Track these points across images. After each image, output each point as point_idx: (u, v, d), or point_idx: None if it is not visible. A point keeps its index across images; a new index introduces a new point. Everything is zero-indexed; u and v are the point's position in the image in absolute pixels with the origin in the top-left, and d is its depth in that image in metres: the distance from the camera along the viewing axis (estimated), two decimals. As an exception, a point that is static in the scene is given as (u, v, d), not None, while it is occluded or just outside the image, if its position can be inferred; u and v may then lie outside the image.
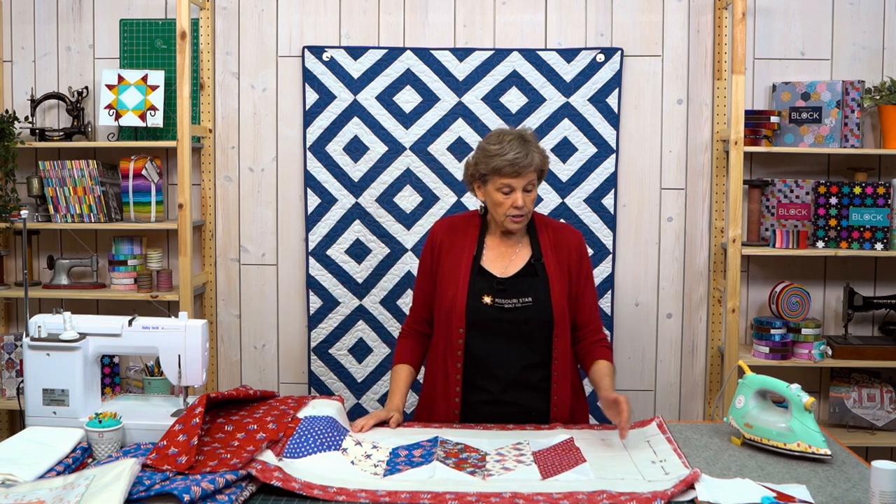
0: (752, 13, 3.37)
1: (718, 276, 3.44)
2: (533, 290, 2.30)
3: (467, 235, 2.39)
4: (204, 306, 3.55)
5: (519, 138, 2.26)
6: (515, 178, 2.24)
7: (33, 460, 1.81)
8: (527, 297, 2.29)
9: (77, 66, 3.53)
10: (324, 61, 3.43)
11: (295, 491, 1.74)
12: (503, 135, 2.28)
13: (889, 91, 3.20)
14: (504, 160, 2.22)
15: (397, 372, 2.43)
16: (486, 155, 2.26)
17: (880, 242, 3.18)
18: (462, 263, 2.34)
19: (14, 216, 3.32)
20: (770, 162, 3.43)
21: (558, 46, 3.42)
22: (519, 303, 2.29)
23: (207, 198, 3.51)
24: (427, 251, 2.43)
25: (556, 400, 2.32)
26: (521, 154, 2.22)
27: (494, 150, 2.25)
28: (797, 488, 1.76)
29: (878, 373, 3.34)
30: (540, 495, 1.72)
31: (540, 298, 2.29)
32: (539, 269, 2.33)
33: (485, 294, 2.29)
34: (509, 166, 2.22)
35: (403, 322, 2.55)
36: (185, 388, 2.16)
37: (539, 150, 2.28)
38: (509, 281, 2.31)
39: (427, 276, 2.42)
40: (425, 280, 2.43)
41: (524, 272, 2.33)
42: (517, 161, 2.22)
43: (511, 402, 2.31)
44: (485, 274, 2.33)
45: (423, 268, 2.43)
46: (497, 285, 2.30)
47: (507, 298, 2.29)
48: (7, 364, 3.45)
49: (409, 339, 2.47)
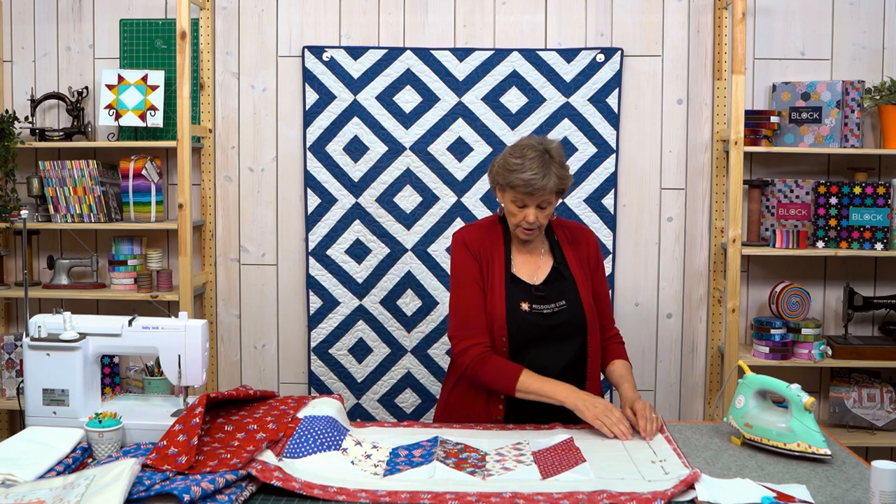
0: (752, 13, 3.37)
1: (718, 276, 3.44)
2: (565, 293, 2.33)
3: (494, 244, 2.38)
4: (204, 306, 3.55)
5: (542, 156, 2.22)
6: (529, 197, 2.23)
7: (33, 460, 1.81)
8: (561, 301, 2.32)
9: (77, 66, 3.53)
10: (324, 61, 3.43)
11: (295, 491, 1.73)
12: (527, 149, 2.24)
13: (889, 91, 3.20)
14: (520, 178, 2.20)
15: (531, 376, 2.23)
16: (505, 167, 2.25)
17: (880, 242, 3.18)
18: (496, 272, 2.34)
19: (14, 216, 3.32)
20: (770, 162, 3.43)
21: (558, 46, 3.42)
22: (556, 307, 2.31)
23: (207, 198, 3.51)
24: (468, 260, 2.35)
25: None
26: (537, 175, 2.19)
27: (514, 165, 2.22)
28: (797, 488, 1.76)
29: (878, 373, 3.34)
30: (540, 495, 1.72)
31: (571, 300, 2.33)
32: (565, 272, 2.36)
33: (522, 301, 2.31)
34: (523, 186, 2.20)
35: (467, 342, 2.29)
36: (185, 388, 2.16)
37: (560, 172, 2.24)
38: (543, 287, 2.33)
39: (479, 282, 2.33)
40: (477, 289, 2.32)
41: (552, 277, 2.35)
42: (532, 182, 2.19)
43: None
44: (518, 281, 2.34)
45: (471, 277, 2.33)
46: (536, 292, 2.32)
47: (544, 304, 2.31)
48: (7, 364, 3.45)
49: (497, 356, 2.28)
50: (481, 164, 3.42)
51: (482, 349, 2.27)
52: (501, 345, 2.30)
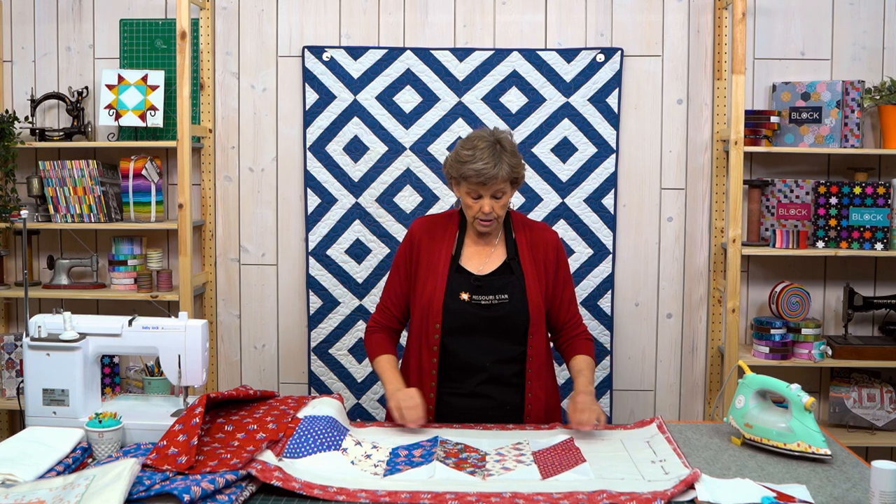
0: (752, 13, 3.37)
1: (718, 276, 3.44)
2: (509, 287, 2.34)
3: (446, 233, 2.42)
4: (204, 306, 3.55)
5: (492, 146, 2.27)
6: (482, 187, 2.27)
7: (33, 460, 1.81)
8: (503, 295, 2.33)
9: (77, 66, 3.53)
10: (324, 61, 3.43)
11: (295, 491, 1.74)
12: (477, 141, 2.29)
13: (889, 91, 3.20)
14: (471, 169, 2.24)
15: (384, 362, 2.39)
16: (457, 159, 2.29)
17: (880, 242, 3.18)
18: (440, 261, 2.38)
19: (14, 216, 3.32)
20: (770, 162, 3.43)
21: (558, 46, 3.42)
22: (495, 300, 2.33)
23: (207, 198, 3.51)
24: (405, 248, 2.45)
25: (531, 396, 2.36)
26: (488, 165, 2.23)
27: (465, 157, 2.27)
28: (797, 488, 1.76)
29: (878, 373, 3.34)
30: (540, 495, 1.72)
31: (516, 296, 2.34)
32: (515, 268, 2.37)
33: (462, 291, 2.33)
34: (475, 175, 2.24)
35: (370, 317, 2.51)
36: (185, 388, 2.16)
37: (511, 160, 2.28)
38: (486, 278, 2.36)
39: (402, 272, 2.44)
40: (400, 277, 2.45)
41: (500, 270, 2.37)
42: (483, 171, 2.23)
43: (485, 395, 2.35)
44: (462, 272, 2.37)
45: (399, 265, 2.46)
46: (474, 282, 2.34)
47: (483, 295, 2.33)
48: (7, 364, 3.45)
49: (380, 334, 2.46)
50: (481, 164, 3.42)
51: (372, 324, 2.49)
52: (434, 331, 2.33)
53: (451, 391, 2.36)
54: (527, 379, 2.36)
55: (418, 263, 2.41)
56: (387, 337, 2.47)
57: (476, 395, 2.35)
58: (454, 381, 2.36)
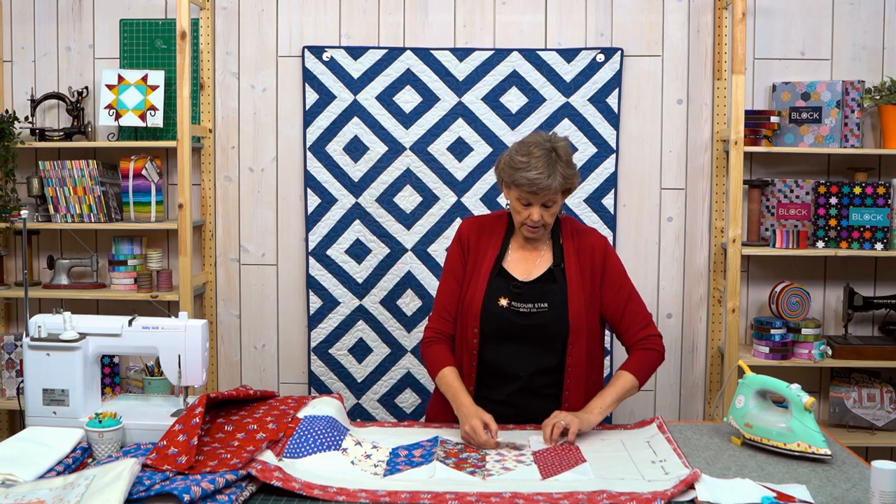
0: (752, 13, 3.37)
1: (718, 276, 3.44)
2: (549, 296, 2.27)
3: (493, 235, 2.36)
4: (204, 306, 3.55)
5: (548, 154, 2.19)
6: (533, 196, 2.21)
7: (33, 460, 1.81)
8: (542, 303, 2.27)
9: (77, 66, 3.53)
10: (324, 61, 3.43)
11: (295, 491, 1.73)
12: (533, 147, 2.21)
13: (889, 91, 3.20)
14: (524, 177, 2.18)
15: (449, 376, 2.26)
16: (511, 165, 2.22)
17: (880, 242, 3.18)
18: (484, 263, 2.32)
19: (14, 216, 3.32)
20: (770, 162, 3.43)
21: (558, 46, 3.42)
22: (534, 308, 2.26)
23: (207, 198, 3.51)
24: (456, 249, 2.38)
25: (567, 407, 2.27)
26: (542, 175, 2.16)
27: (519, 163, 2.20)
28: (797, 488, 1.76)
29: (878, 373, 3.34)
30: (540, 495, 1.72)
31: (556, 305, 2.27)
32: (559, 276, 2.30)
33: (502, 296, 2.27)
34: (528, 185, 2.18)
35: (426, 326, 2.40)
36: (185, 388, 2.16)
37: (566, 171, 2.21)
38: (527, 285, 2.29)
39: (458, 274, 2.36)
40: (456, 278, 2.36)
41: (544, 278, 2.30)
42: (536, 181, 2.17)
43: (520, 405, 2.28)
44: (506, 276, 2.31)
45: (453, 268, 2.37)
46: (514, 288, 2.28)
47: (522, 302, 2.27)
48: (7, 364, 3.45)
49: (440, 345, 2.34)
50: (481, 165, 3.42)
51: (431, 334, 2.36)
52: (472, 336, 2.27)
53: (484, 396, 2.29)
54: (564, 389, 2.29)
55: (468, 264, 2.34)
56: (446, 347, 2.34)
57: (507, 403, 2.28)
58: (490, 387, 2.31)
